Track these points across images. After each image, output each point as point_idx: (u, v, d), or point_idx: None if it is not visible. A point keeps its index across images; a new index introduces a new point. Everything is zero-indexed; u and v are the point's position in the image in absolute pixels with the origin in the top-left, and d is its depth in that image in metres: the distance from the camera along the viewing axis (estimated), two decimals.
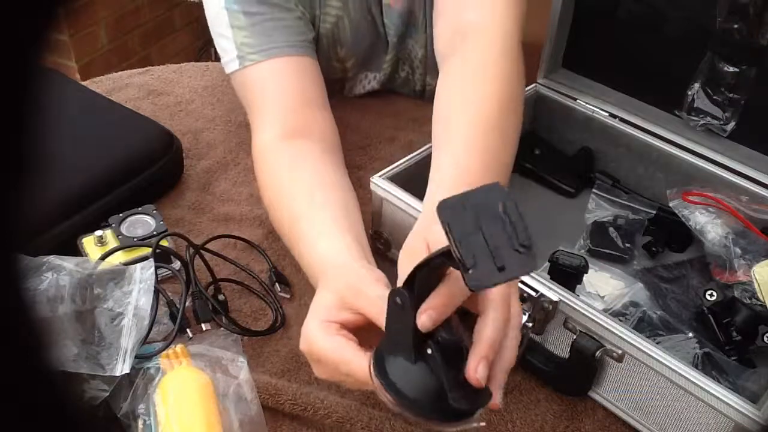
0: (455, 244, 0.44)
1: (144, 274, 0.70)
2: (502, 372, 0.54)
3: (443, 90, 0.78)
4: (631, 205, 0.90)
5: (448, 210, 0.45)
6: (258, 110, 0.88)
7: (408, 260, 0.54)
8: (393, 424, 0.66)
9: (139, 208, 0.83)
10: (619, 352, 0.64)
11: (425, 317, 0.49)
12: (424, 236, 0.57)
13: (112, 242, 0.79)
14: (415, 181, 0.82)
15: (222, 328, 0.73)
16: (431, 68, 1.09)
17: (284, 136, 0.85)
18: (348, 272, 0.62)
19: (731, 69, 0.81)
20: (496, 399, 0.52)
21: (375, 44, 1.05)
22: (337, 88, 1.09)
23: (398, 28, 1.02)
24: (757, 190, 0.81)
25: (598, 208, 0.90)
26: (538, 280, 0.67)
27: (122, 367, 0.63)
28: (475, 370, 0.50)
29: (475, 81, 0.76)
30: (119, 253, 0.77)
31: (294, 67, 0.89)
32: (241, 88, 0.91)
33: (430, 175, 0.70)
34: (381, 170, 0.81)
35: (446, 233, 0.44)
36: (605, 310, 0.75)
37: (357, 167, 0.97)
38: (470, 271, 0.44)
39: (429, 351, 0.51)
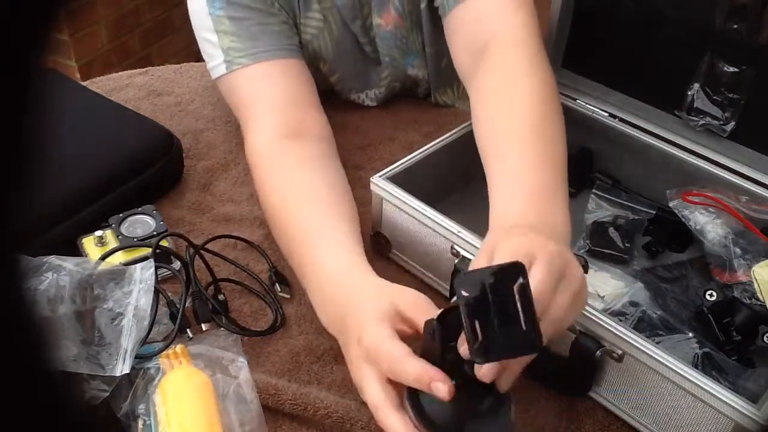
0: (465, 321, 0.49)
1: (144, 274, 0.70)
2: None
3: (481, 107, 0.78)
4: (631, 205, 0.90)
5: (466, 285, 0.50)
6: (250, 112, 0.88)
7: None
8: None
9: (139, 208, 0.83)
10: (619, 352, 0.64)
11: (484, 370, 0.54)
12: (489, 254, 0.58)
13: (112, 242, 0.79)
14: (415, 181, 0.82)
15: (222, 328, 0.73)
16: (436, 84, 1.08)
17: (283, 136, 0.85)
18: (400, 290, 0.65)
19: (731, 69, 0.81)
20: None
21: (361, 62, 1.03)
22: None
23: (390, 49, 1.00)
24: (757, 190, 0.81)
25: (598, 208, 0.90)
26: None
27: (122, 367, 0.63)
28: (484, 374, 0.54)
29: (511, 92, 0.76)
30: (119, 253, 0.77)
31: (284, 69, 0.89)
32: (231, 92, 0.91)
33: (491, 191, 0.71)
34: (381, 170, 0.81)
35: (460, 309, 0.50)
36: (605, 310, 0.75)
37: (357, 167, 0.97)
38: (475, 346, 0.49)
39: (454, 382, 0.54)
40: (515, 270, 0.51)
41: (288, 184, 0.81)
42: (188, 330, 0.72)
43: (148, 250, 0.76)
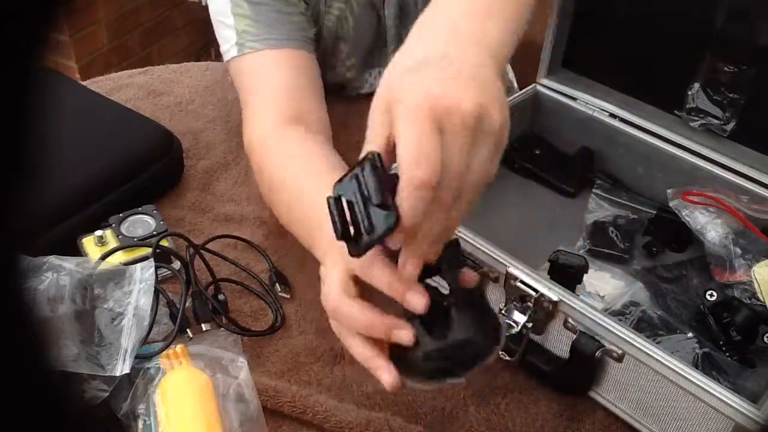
0: (335, 226, 0.49)
1: (144, 274, 0.70)
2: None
3: None
4: (631, 205, 0.90)
5: (343, 191, 0.51)
6: (254, 97, 0.89)
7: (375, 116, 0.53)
8: (392, 425, 0.66)
9: (139, 208, 0.83)
10: (619, 352, 0.64)
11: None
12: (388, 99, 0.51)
13: (112, 242, 0.79)
14: None
15: (222, 328, 0.73)
16: None
17: (283, 122, 0.85)
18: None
19: (731, 69, 0.81)
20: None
21: (376, 39, 1.06)
22: (339, 89, 1.09)
23: (395, 18, 1.02)
24: (757, 190, 0.81)
25: (598, 208, 0.90)
26: (538, 280, 0.67)
27: (122, 367, 0.63)
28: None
29: None
30: (119, 253, 0.77)
31: (293, 59, 0.90)
32: (238, 75, 0.92)
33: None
34: None
35: (330, 212, 0.50)
36: (605, 310, 0.75)
37: None
38: (349, 244, 0.49)
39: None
40: (372, 161, 0.50)
41: (285, 162, 0.81)
42: (188, 330, 0.72)
43: (148, 250, 0.76)
